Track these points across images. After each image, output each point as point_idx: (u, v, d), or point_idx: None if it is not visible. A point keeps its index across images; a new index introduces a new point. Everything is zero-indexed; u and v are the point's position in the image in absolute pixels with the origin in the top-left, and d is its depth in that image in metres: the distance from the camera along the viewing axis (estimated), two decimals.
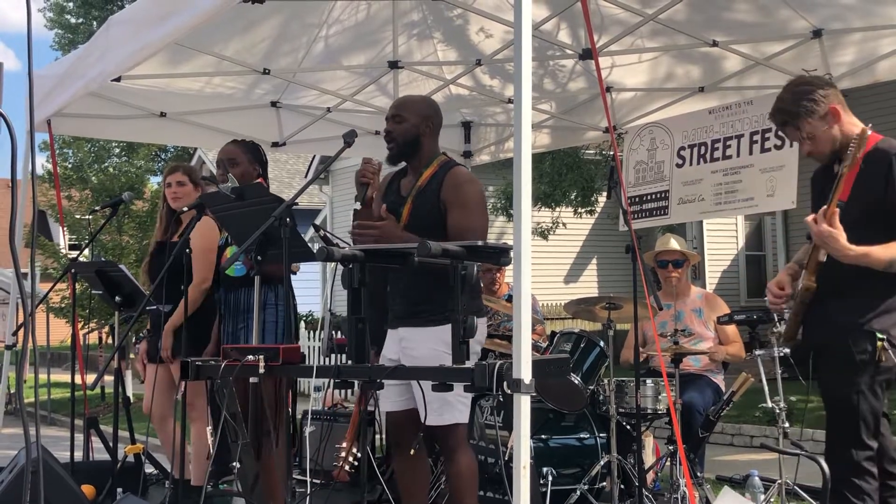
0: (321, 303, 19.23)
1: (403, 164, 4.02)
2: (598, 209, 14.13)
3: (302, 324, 12.13)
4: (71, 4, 23.60)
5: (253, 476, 3.56)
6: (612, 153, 11.27)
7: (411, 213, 3.82)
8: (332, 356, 5.90)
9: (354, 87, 6.31)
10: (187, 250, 4.50)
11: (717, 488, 6.30)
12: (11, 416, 14.03)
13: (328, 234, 4.77)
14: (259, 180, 4.53)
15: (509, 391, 2.47)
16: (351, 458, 5.73)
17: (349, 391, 8.24)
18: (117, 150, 18.92)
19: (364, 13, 5.48)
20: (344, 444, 5.76)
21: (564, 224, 14.33)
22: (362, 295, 2.86)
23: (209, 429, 5.11)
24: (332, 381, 2.99)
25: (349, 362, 3.00)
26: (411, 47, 5.90)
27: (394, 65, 5.90)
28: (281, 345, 3.18)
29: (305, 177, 19.18)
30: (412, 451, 3.77)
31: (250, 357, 3.05)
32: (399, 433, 3.89)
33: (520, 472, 2.40)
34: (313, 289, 18.46)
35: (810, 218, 3.34)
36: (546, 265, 16.23)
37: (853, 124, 3.43)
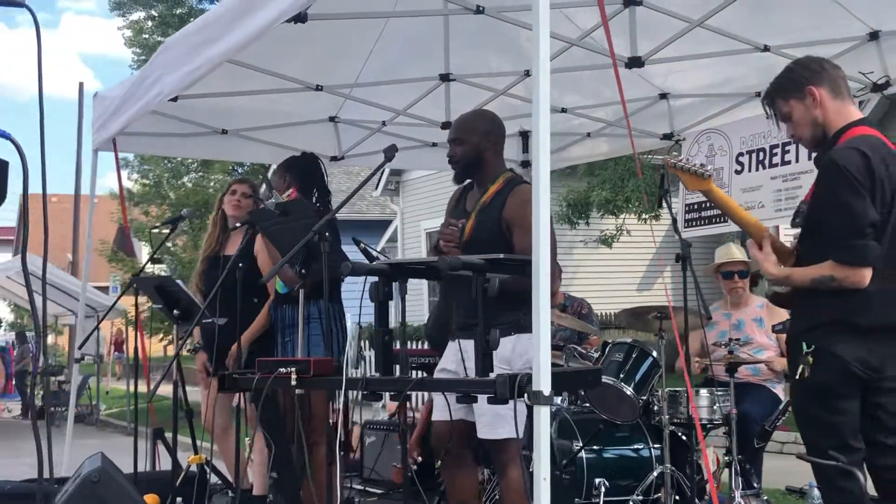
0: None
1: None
2: (666, 215, 13.90)
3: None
4: (149, 23, 24.14)
5: (294, 487, 3.62)
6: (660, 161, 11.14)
7: (474, 228, 3.85)
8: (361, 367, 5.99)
9: (407, 101, 6.36)
10: (241, 265, 4.61)
11: (784, 500, 6.18)
12: (84, 425, 14.47)
13: (367, 248, 4.84)
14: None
15: (530, 402, 2.48)
16: (410, 462, 5.81)
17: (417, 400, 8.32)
18: (194, 166, 19.36)
19: (417, 28, 5.52)
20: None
21: (629, 231, 14.14)
22: (388, 308, 2.90)
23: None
24: (360, 392, 3.03)
25: (377, 374, 3.04)
26: (463, 59, 5.92)
27: (445, 77, 5.93)
28: (312, 357, 3.24)
29: (375, 188, 19.37)
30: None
31: (282, 370, 3.12)
32: (443, 443, 3.92)
33: (540, 484, 2.40)
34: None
35: (750, 242, 3.42)
36: (612, 273, 16.07)
37: (841, 116, 3.30)
